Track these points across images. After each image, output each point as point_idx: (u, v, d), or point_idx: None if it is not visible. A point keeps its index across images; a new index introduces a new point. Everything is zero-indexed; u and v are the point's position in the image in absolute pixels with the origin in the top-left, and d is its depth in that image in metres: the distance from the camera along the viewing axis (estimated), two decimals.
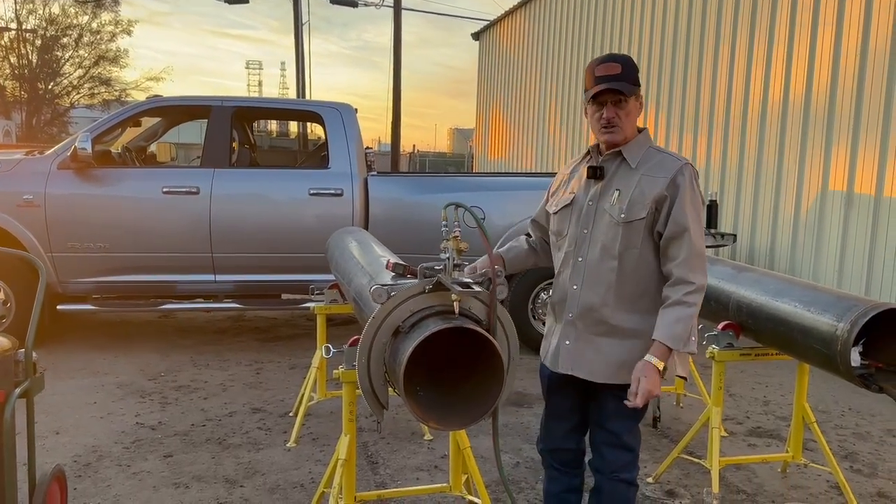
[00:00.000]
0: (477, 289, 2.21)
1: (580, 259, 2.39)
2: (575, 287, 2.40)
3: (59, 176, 5.49)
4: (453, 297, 2.17)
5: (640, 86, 2.37)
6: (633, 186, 2.31)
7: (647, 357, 2.24)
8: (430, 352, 2.14)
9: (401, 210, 5.91)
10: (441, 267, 2.23)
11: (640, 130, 2.42)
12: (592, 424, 2.49)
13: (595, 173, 2.40)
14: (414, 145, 42.65)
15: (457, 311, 2.18)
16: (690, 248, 2.25)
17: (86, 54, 30.21)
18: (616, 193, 2.34)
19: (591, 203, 2.40)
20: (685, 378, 2.42)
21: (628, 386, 2.35)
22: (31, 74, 28.90)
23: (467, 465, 2.93)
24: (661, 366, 2.23)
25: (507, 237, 5.77)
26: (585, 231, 2.39)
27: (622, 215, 2.30)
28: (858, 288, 5.95)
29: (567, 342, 2.43)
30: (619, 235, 2.31)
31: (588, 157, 2.50)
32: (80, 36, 29.66)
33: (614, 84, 2.29)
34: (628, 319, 2.34)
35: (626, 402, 2.26)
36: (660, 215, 2.29)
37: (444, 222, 2.29)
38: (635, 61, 2.43)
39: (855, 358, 2.83)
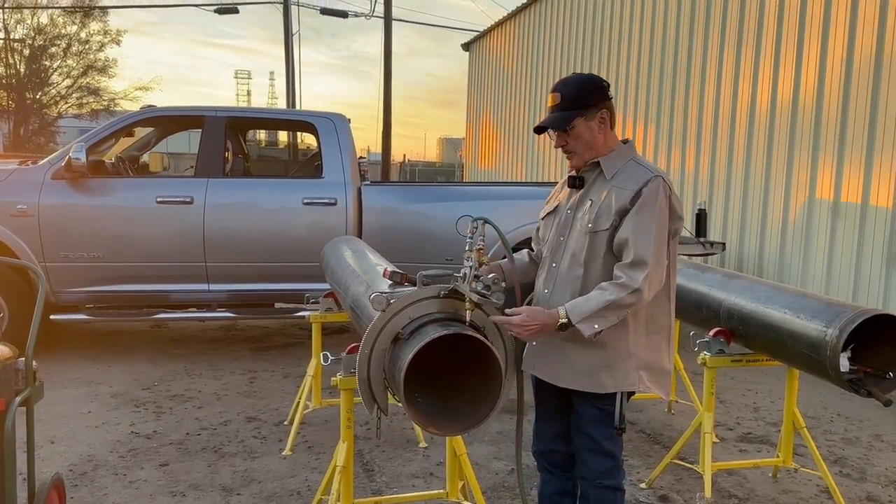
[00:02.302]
0: (493, 300, 2.25)
1: (554, 265, 2.48)
2: (546, 291, 2.48)
3: (52, 186, 5.50)
4: (467, 305, 2.23)
5: (589, 105, 2.37)
6: (603, 198, 2.38)
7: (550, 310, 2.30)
8: (429, 358, 2.17)
9: (394, 219, 5.95)
10: (461, 275, 2.27)
11: (625, 142, 2.48)
12: (573, 431, 2.54)
13: (574, 183, 2.49)
14: (404, 155, 42.74)
15: (468, 319, 2.23)
16: (634, 255, 2.27)
17: (74, 64, 30.21)
18: (589, 203, 2.42)
19: (569, 212, 2.49)
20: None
21: (604, 395, 2.40)
22: (19, 84, 28.82)
23: (464, 472, 2.97)
24: (554, 322, 2.26)
25: (499, 246, 5.84)
26: (562, 238, 2.48)
27: (589, 225, 2.37)
28: (846, 294, 6.03)
29: (534, 343, 2.50)
30: (585, 245, 2.38)
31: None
32: (69, 46, 29.65)
33: (548, 119, 2.41)
34: None
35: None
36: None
37: (469, 234, 2.33)
38: (595, 78, 2.44)
39: (844, 363, 2.89)
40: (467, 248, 2.31)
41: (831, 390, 5.29)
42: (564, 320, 2.26)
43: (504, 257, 2.56)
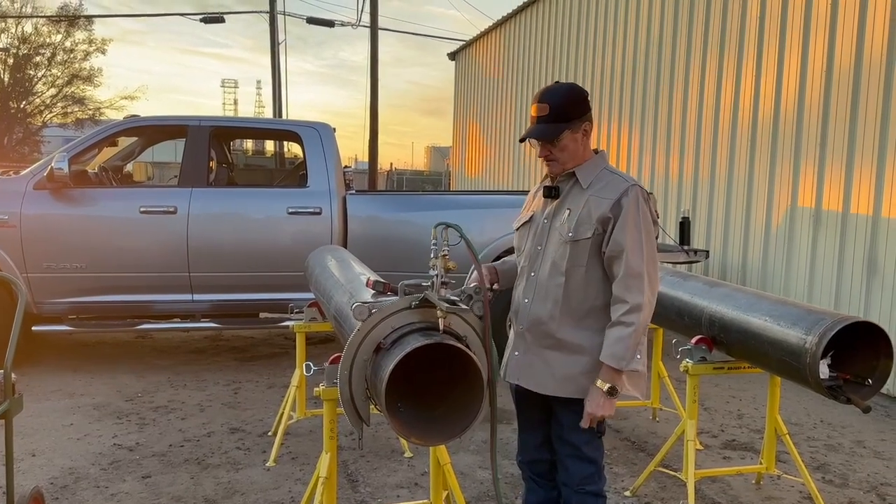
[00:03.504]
0: (463, 307, 2.26)
1: (533, 274, 2.51)
2: (526, 300, 2.51)
3: (34, 196, 5.46)
4: (439, 313, 2.22)
5: (575, 118, 2.41)
6: (582, 206, 2.41)
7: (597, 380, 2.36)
8: (412, 368, 2.17)
9: (379, 228, 5.95)
10: (429, 284, 2.27)
11: (597, 152, 2.52)
12: (554, 438, 2.56)
13: (550, 193, 2.52)
14: (391, 163, 42.76)
15: (442, 327, 2.23)
16: (627, 268, 2.32)
17: (59, 73, 30.01)
18: (567, 212, 2.45)
19: (545, 221, 2.52)
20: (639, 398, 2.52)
21: (584, 400, 2.42)
22: (3, 93, 28.59)
23: (448, 481, 2.96)
24: (604, 387, 2.32)
25: (484, 254, 5.85)
26: (539, 248, 2.51)
27: (570, 234, 2.40)
28: (828, 302, 6.08)
29: (517, 353, 2.55)
30: (566, 253, 2.41)
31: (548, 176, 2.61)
32: (54, 55, 29.46)
33: (536, 130, 2.43)
34: (574, 335, 2.42)
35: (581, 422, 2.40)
36: (605, 236, 2.37)
37: (433, 241, 2.35)
38: (579, 89, 2.47)
39: (823, 370, 2.92)
40: (432, 255, 2.32)
41: (814, 397, 5.33)
42: (608, 381, 2.32)
43: (493, 260, 2.57)
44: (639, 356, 2.35)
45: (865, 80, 5.85)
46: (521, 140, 2.53)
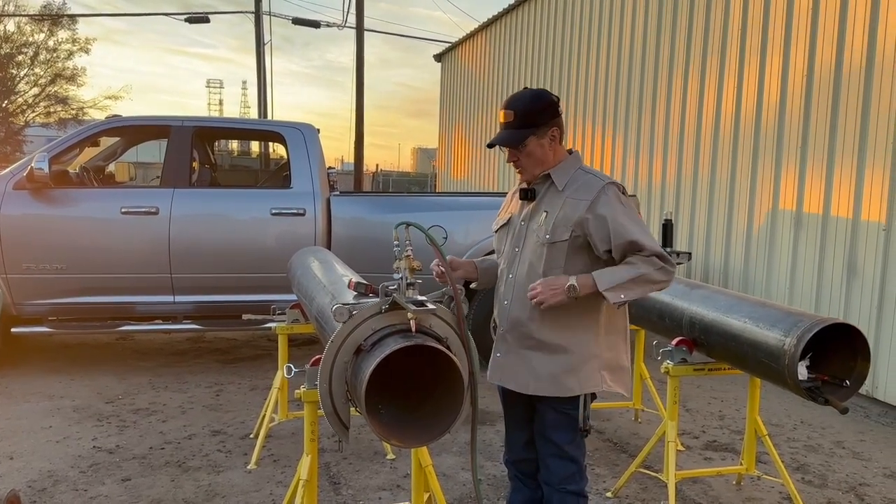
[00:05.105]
0: (431, 306, 2.26)
1: (511, 276, 2.53)
2: (506, 302, 2.53)
3: (14, 196, 5.41)
4: (409, 315, 2.22)
5: (541, 123, 2.43)
6: (559, 209, 2.43)
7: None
8: (392, 370, 2.17)
9: (363, 229, 5.94)
10: (395, 287, 2.27)
11: (570, 153, 2.54)
12: (536, 437, 2.58)
13: (526, 195, 2.54)
14: (377, 164, 42.71)
15: (413, 329, 2.22)
16: (650, 250, 2.32)
17: (42, 72, 29.79)
18: (544, 215, 2.47)
19: (523, 223, 2.54)
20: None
21: (567, 399, 2.43)
22: None
23: (429, 483, 2.95)
24: (569, 281, 2.31)
25: (469, 256, 5.85)
26: (517, 249, 2.53)
27: (547, 236, 2.42)
28: (808, 304, 6.13)
29: (498, 354, 2.57)
30: (543, 255, 2.43)
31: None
32: (37, 54, 29.24)
33: (501, 136, 2.47)
34: (553, 335, 2.44)
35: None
36: (583, 238, 2.38)
37: (395, 242, 2.34)
38: (546, 95, 2.48)
39: (802, 371, 2.94)
40: (396, 257, 2.32)
41: (794, 398, 5.37)
42: (573, 283, 2.30)
43: (486, 254, 2.58)
44: (623, 296, 2.31)
45: (846, 84, 5.91)
46: (488, 146, 2.55)
